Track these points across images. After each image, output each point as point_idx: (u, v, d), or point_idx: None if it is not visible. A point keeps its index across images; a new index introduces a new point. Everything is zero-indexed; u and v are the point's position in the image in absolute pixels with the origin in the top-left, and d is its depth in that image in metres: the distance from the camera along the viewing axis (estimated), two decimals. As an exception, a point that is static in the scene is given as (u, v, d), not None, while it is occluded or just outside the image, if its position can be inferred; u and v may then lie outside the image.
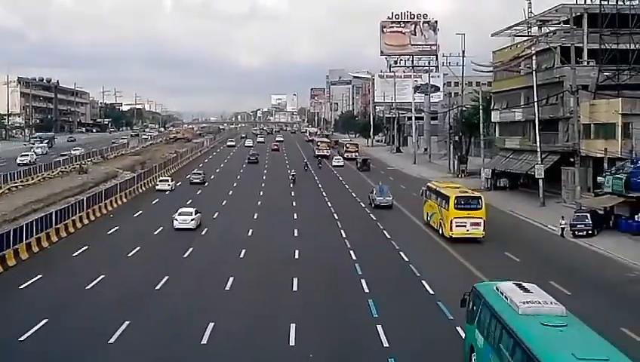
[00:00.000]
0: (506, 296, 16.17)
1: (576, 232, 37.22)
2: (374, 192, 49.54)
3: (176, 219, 38.96)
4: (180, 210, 40.31)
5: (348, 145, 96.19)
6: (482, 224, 35.76)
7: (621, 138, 42.46)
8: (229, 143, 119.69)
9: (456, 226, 35.64)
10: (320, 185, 61.83)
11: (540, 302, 15.65)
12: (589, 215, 37.73)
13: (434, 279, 27.52)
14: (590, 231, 36.87)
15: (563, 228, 37.66)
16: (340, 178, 68.85)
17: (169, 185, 57.23)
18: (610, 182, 38.36)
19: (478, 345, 16.87)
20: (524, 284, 17.17)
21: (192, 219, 39.12)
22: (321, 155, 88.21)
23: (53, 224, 34.59)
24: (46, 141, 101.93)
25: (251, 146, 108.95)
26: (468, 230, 35.65)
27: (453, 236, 35.65)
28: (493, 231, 38.24)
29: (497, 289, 16.88)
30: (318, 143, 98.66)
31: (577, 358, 12.70)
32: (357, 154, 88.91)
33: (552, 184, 49.18)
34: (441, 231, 37.36)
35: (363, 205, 49.73)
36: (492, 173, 59.64)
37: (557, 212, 44.20)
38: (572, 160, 46.24)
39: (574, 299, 25.51)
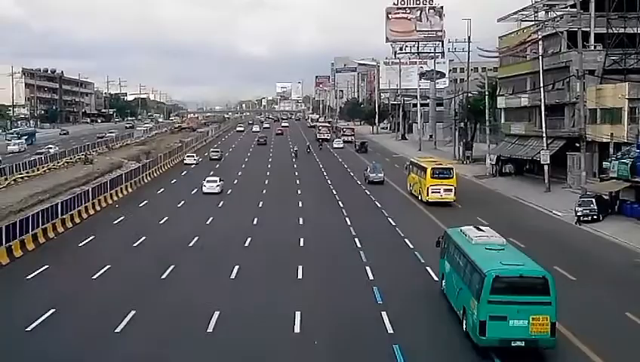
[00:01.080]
0: (465, 234, 22.15)
1: (581, 218, 37.11)
2: (368, 170, 55.82)
3: (205, 186, 48.66)
4: (207, 178, 49.96)
5: (345, 129, 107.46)
6: (453, 190, 43.36)
7: (627, 123, 42.21)
8: (238, 129, 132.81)
9: (432, 192, 43.12)
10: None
11: (487, 236, 21.76)
12: (594, 200, 37.62)
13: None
14: (595, 216, 36.76)
15: (579, 217, 36.80)
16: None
17: (194, 159, 70.42)
18: (616, 167, 38.17)
19: (446, 271, 22.65)
20: (480, 226, 23.42)
21: (217, 185, 48.80)
22: (322, 138, 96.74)
23: (59, 214, 34.72)
24: (25, 137, 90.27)
25: (258, 132, 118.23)
26: (441, 195, 43.00)
27: (430, 200, 42.85)
28: (498, 216, 38.36)
29: (460, 230, 22.79)
30: (320, 127, 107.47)
31: (502, 263, 18.58)
32: (353, 137, 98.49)
33: (558, 169, 49.02)
34: (420, 198, 44.61)
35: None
36: (497, 159, 59.46)
37: (563, 197, 44.17)
38: (578, 145, 46.02)
39: (579, 284, 25.60)
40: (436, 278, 24.88)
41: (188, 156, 71.66)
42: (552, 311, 17.73)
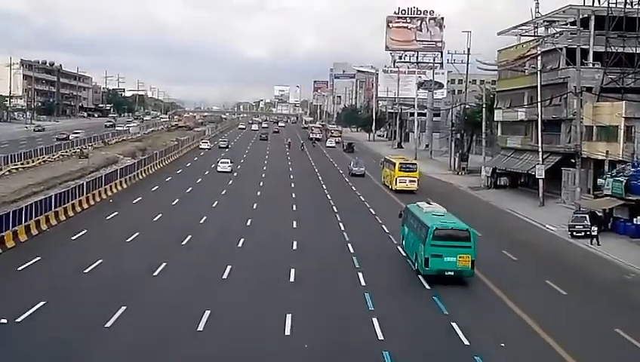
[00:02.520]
0: (419, 206, 30.76)
1: (574, 233, 37.27)
2: (352, 164, 66.37)
3: (219, 166, 61.56)
4: (221, 159, 63.87)
5: (333, 131, 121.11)
6: (416, 181, 53.76)
7: (623, 141, 42.48)
8: (240, 126, 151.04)
9: (399, 182, 53.51)
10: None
11: (433, 207, 30.26)
12: (587, 216, 37.77)
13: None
14: (588, 232, 36.90)
15: (595, 236, 35.09)
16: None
17: (208, 145, 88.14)
18: (611, 185, 38.38)
19: (405, 233, 31.02)
20: (429, 201, 31.97)
21: (228, 165, 61.70)
22: (314, 138, 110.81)
23: (53, 207, 34.61)
24: None
25: (256, 130, 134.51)
26: (407, 184, 53.09)
27: (397, 189, 52.93)
28: (491, 229, 38.50)
29: (417, 204, 31.38)
30: (312, 128, 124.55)
31: (441, 221, 27.07)
32: (340, 138, 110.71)
33: (553, 184, 49.24)
34: (390, 187, 54.55)
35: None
36: (493, 171, 59.67)
37: (556, 212, 44.35)
38: (573, 161, 46.24)
39: (570, 298, 25.71)
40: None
41: (203, 142, 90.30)
42: (472, 252, 26.02)
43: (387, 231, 36.56)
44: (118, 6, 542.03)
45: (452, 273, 25.92)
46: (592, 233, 35.50)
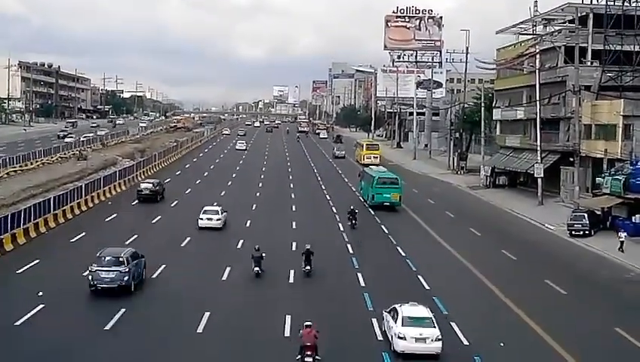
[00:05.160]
0: (370, 168, 50.23)
1: (573, 232, 37.25)
2: (334, 149, 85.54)
3: (237, 145, 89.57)
4: (238, 140, 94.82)
5: (319, 125, 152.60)
6: (379, 157, 72.97)
7: (622, 139, 42.44)
8: (247, 122, 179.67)
9: (366, 158, 71.89)
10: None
11: (377, 167, 51.99)
12: (586, 215, 37.75)
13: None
14: (587, 231, 36.90)
15: (622, 242, 33.30)
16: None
17: (229, 133, 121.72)
18: (609, 183, 38.35)
19: (362, 184, 48.81)
20: (376, 165, 55.12)
21: (244, 145, 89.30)
22: (302, 130, 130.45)
23: (52, 210, 34.59)
24: None
25: (258, 127, 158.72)
26: (371, 160, 69.65)
27: (364, 163, 67.76)
28: (490, 227, 38.51)
29: (369, 167, 51.36)
30: (300, 122, 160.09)
31: (380, 174, 45.84)
32: (326, 131, 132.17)
33: (551, 183, 49.18)
34: (360, 161, 72.93)
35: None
36: (492, 170, 59.65)
37: (555, 211, 44.36)
38: (572, 160, 46.22)
39: (570, 298, 25.72)
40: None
41: (224, 130, 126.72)
42: (400, 191, 44.34)
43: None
44: (116, 6, 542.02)
45: (388, 203, 43.57)
46: (619, 239, 33.38)
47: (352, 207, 37.95)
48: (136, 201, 43.77)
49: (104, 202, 43.17)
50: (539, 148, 48.73)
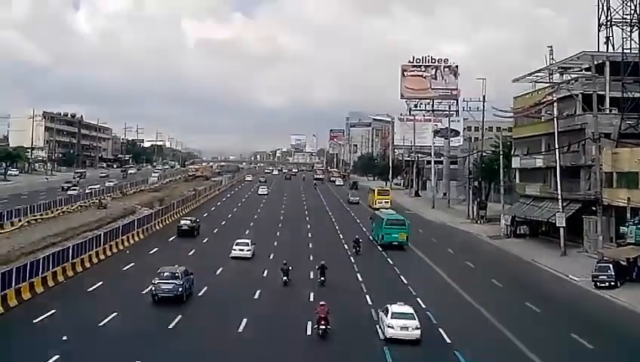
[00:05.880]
0: (380, 211, 56.86)
1: (598, 283, 36.33)
2: (349, 195, 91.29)
3: (259, 191, 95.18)
4: (260, 186, 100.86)
5: (334, 173, 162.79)
6: (389, 202, 77.20)
7: (644, 188, 41.81)
8: (266, 170, 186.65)
9: (377, 203, 76.18)
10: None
11: (386, 210, 58.33)
12: (611, 266, 36.85)
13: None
14: (613, 283, 35.95)
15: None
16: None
17: (251, 178, 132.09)
18: (634, 233, 37.68)
19: (372, 225, 54.01)
20: (386, 209, 60.45)
21: (266, 189, 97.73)
22: (317, 178, 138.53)
23: (70, 258, 34.59)
24: None
25: (276, 174, 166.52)
26: (382, 204, 73.57)
27: (375, 207, 70.87)
28: (514, 279, 37.73)
29: (380, 210, 57.70)
30: (316, 170, 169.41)
31: (389, 216, 51.27)
32: (341, 179, 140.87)
33: (574, 233, 48.30)
34: (372, 206, 75.44)
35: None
36: (512, 219, 58.89)
37: (579, 261, 43.47)
38: (594, 208, 45.54)
39: (597, 353, 24.80)
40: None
41: (247, 176, 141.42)
42: (406, 231, 48.69)
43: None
44: (138, 55, 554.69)
45: (397, 242, 47.99)
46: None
47: (356, 237, 47.25)
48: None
49: (122, 251, 43.13)
50: (560, 197, 48.10)
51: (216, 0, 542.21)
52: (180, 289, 28.98)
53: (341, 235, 54.30)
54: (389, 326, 24.61)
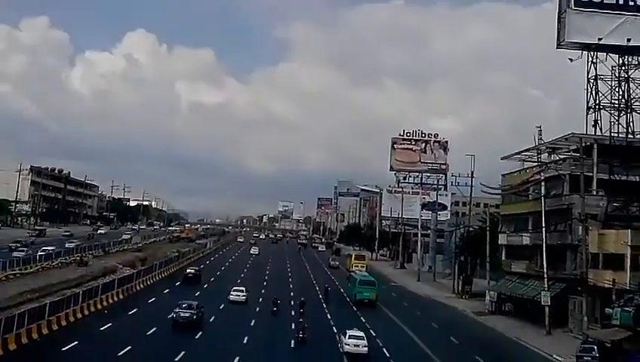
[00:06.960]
0: (355, 272, 68.22)
1: (583, 365, 35.75)
2: (330, 259, 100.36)
3: (251, 251, 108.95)
4: (252, 246, 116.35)
5: (315, 238, 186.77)
6: (366, 266, 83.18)
7: (630, 270, 41.81)
8: (254, 234, 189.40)
9: (354, 266, 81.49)
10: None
11: (361, 272, 69.79)
12: (596, 347, 36.40)
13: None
14: (597, 365, 35.40)
15: None
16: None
17: (242, 240, 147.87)
18: (619, 315, 37.29)
19: (348, 285, 62.02)
20: (360, 271, 71.76)
21: (257, 250, 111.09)
22: (301, 243, 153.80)
23: (46, 316, 33.63)
24: None
25: (263, 239, 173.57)
26: (358, 268, 78.91)
27: (352, 270, 76.02)
28: (498, 359, 37.03)
29: (354, 272, 69.75)
30: (299, 235, 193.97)
31: (362, 277, 60.84)
32: (325, 246, 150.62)
33: (559, 312, 47.85)
34: (349, 269, 79.70)
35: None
36: (498, 296, 58.40)
37: (564, 341, 42.91)
38: (579, 289, 45.32)
39: None
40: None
41: (239, 237, 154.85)
42: (376, 290, 56.84)
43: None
44: (129, 114, 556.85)
45: (367, 300, 55.02)
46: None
47: (326, 286, 60.42)
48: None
49: (100, 310, 42.06)
50: (546, 276, 47.90)
51: (211, 64, 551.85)
52: (195, 316, 39.30)
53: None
54: (346, 344, 34.90)
